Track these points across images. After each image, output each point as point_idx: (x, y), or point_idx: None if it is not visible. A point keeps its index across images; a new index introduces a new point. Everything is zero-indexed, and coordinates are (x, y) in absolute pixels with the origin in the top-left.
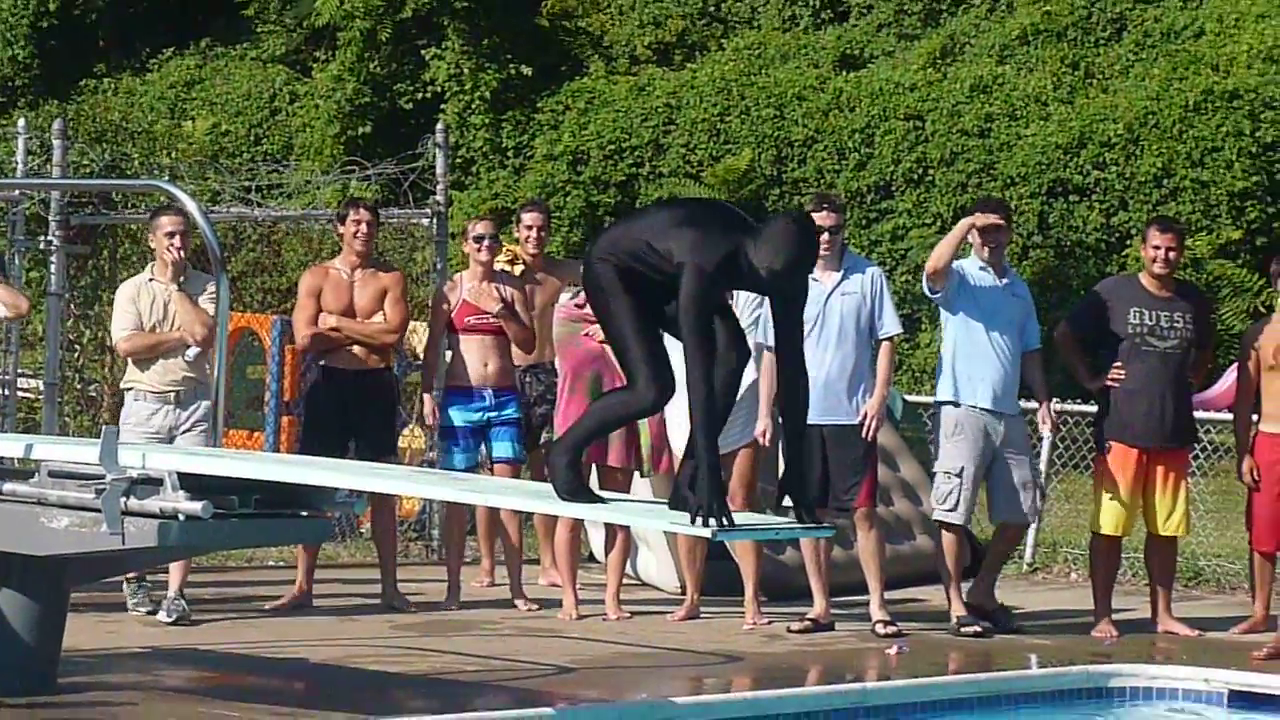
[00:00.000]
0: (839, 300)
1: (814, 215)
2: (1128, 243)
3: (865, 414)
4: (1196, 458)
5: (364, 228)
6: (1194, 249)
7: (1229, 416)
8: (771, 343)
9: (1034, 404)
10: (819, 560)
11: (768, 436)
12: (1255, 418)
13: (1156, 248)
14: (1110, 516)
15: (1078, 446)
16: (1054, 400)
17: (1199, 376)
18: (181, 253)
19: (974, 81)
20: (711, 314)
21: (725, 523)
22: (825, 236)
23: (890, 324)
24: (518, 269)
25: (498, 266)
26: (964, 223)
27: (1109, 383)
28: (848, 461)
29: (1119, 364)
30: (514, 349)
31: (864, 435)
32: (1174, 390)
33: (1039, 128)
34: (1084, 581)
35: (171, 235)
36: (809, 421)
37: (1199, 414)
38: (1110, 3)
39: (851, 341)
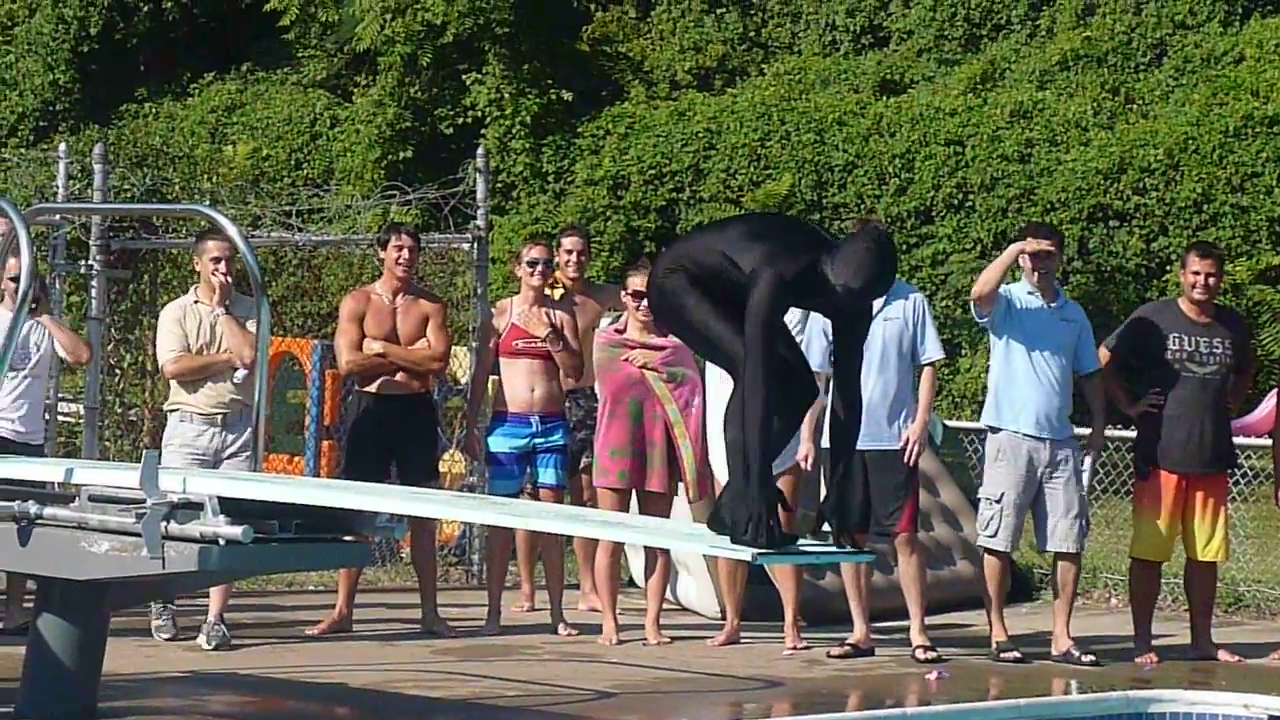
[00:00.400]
0: (881, 326)
1: None
2: (1168, 268)
3: (907, 439)
4: (1236, 483)
5: (406, 253)
6: (1234, 274)
7: (1269, 442)
8: (814, 367)
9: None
10: (859, 585)
11: (809, 461)
12: None
13: (1196, 273)
14: (1150, 542)
15: (1117, 472)
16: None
17: (1238, 402)
18: (228, 278)
19: (1014, 107)
20: (777, 327)
21: (775, 534)
22: None
23: (932, 349)
24: (557, 293)
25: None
26: (1014, 248)
27: (1148, 408)
28: (889, 486)
29: (1157, 390)
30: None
31: (906, 460)
32: (1213, 416)
33: (1079, 153)
34: (1124, 607)
35: (218, 260)
36: None
37: (1238, 439)
38: (1150, 28)
39: (894, 367)
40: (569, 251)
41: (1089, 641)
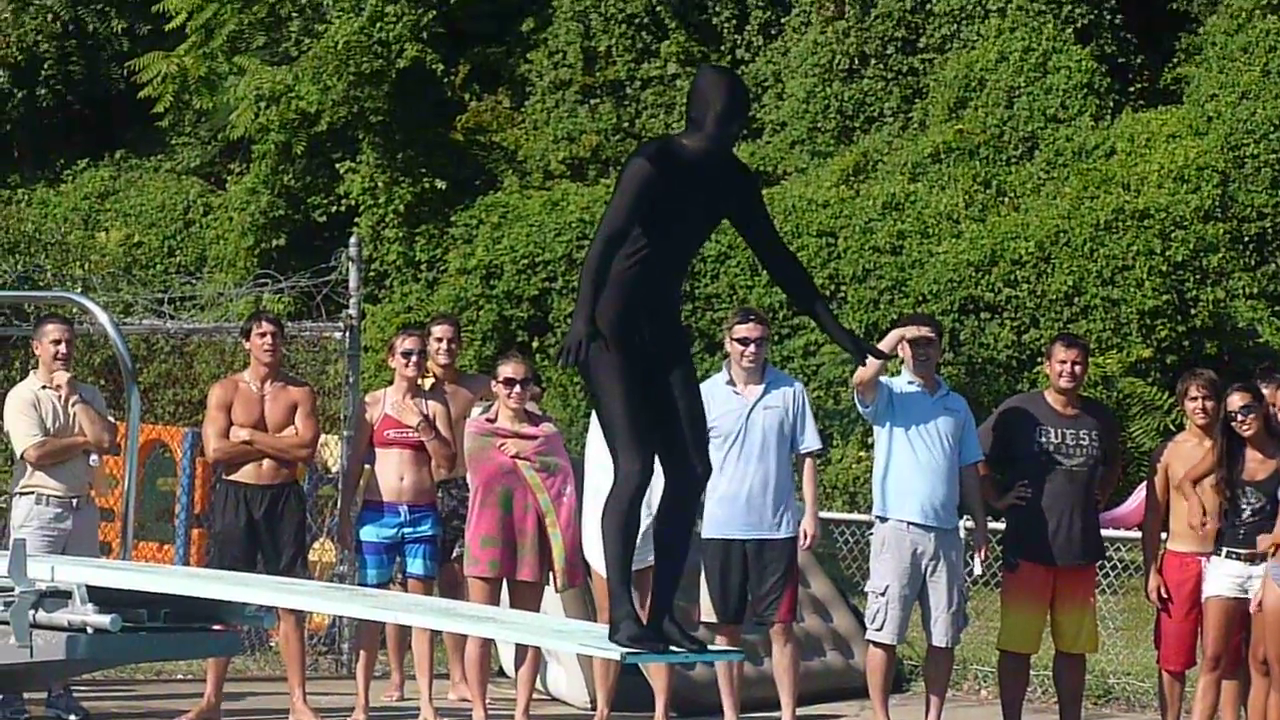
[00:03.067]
0: (761, 414)
1: (739, 328)
2: (1039, 360)
3: (803, 531)
4: (1106, 575)
5: (269, 339)
6: (1104, 367)
7: (1138, 534)
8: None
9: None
10: (731, 676)
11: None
12: (1164, 536)
13: (1063, 362)
14: (1018, 634)
15: (987, 564)
16: (965, 517)
17: (1106, 494)
18: (68, 360)
19: (886, 199)
20: (644, 213)
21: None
22: (751, 349)
23: (812, 439)
24: (428, 382)
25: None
26: (894, 334)
27: (1016, 500)
28: (771, 576)
29: (1025, 482)
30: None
31: (793, 550)
32: (1081, 508)
33: (951, 245)
34: (994, 699)
35: (58, 343)
36: (731, 536)
37: (1108, 532)
38: (1022, 122)
39: (774, 456)
40: (439, 340)
41: None
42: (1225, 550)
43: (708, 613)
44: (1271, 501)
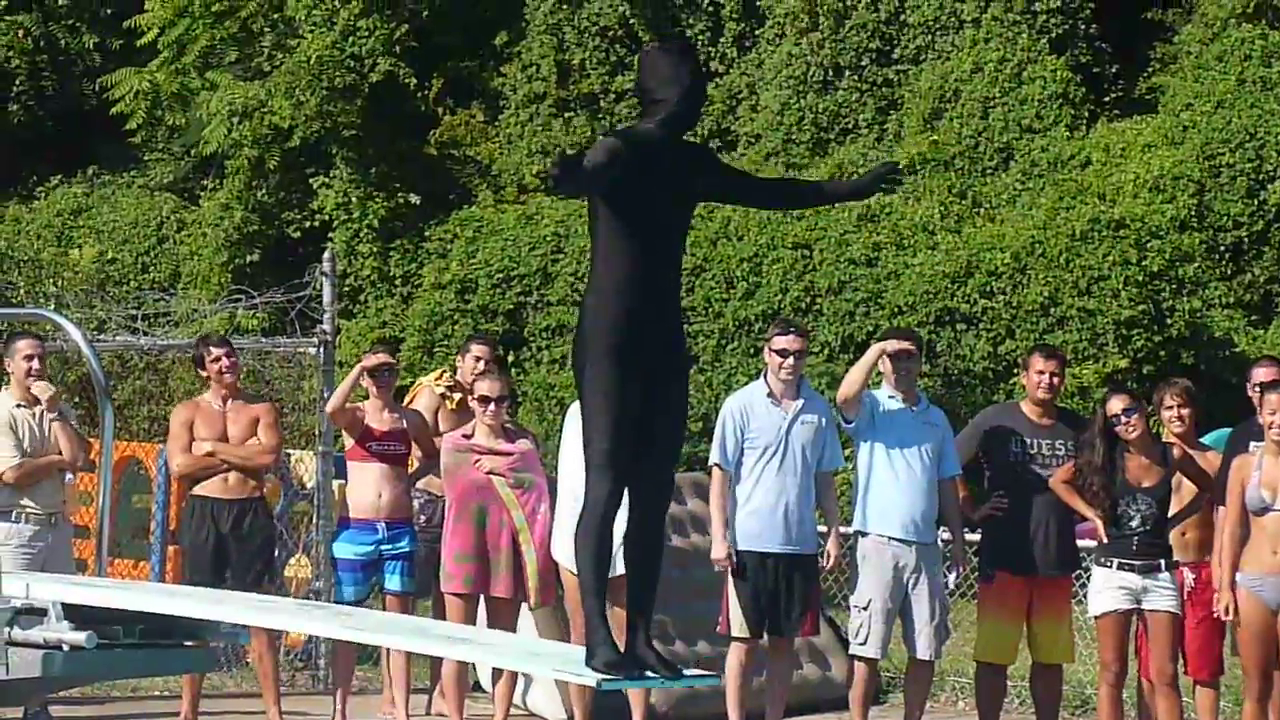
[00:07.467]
0: (800, 428)
1: (778, 339)
2: (1015, 371)
3: (827, 551)
4: (1083, 585)
5: (224, 361)
6: (1081, 377)
7: None
8: (827, 466)
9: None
10: (740, 690)
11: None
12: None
13: (1040, 373)
14: (995, 645)
15: (963, 576)
16: (941, 529)
17: None
18: (43, 376)
19: (862, 210)
20: (616, 189)
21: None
22: (790, 361)
23: (838, 457)
24: (456, 397)
25: (437, 389)
26: (875, 349)
27: (992, 512)
28: (799, 591)
29: (1001, 493)
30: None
31: (825, 567)
32: (1057, 518)
33: (926, 256)
34: (971, 710)
35: (31, 359)
36: (767, 550)
37: (1085, 542)
38: (997, 132)
39: (809, 471)
40: (477, 358)
41: None
42: (1116, 562)
43: (739, 628)
44: (1162, 508)
